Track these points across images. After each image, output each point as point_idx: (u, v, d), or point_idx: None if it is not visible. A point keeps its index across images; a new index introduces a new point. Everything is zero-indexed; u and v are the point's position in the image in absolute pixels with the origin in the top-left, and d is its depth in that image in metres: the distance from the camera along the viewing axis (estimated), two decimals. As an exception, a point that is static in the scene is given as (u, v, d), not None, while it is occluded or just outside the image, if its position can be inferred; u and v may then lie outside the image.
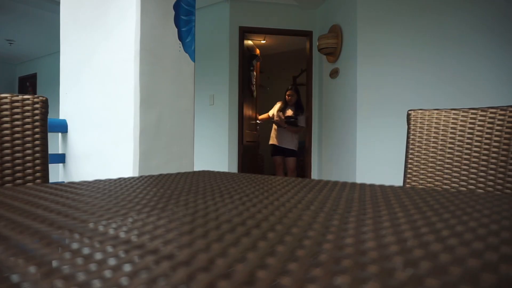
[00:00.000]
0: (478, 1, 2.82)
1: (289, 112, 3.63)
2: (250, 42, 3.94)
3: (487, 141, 0.92)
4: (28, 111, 0.84)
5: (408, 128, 1.06)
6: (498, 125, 0.91)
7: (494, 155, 0.90)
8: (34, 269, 0.18)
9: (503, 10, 2.72)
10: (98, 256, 0.19)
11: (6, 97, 0.82)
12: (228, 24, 3.62)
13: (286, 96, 3.72)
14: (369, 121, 3.03)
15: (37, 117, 0.85)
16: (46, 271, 0.17)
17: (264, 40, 4.68)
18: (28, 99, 0.84)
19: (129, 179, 0.52)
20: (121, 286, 0.16)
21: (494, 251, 0.21)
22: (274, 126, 3.70)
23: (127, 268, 0.18)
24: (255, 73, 4.14)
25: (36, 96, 0.86)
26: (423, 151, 1.03)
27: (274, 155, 3.72)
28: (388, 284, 0.16)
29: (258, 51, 4.14)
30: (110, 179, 0.52)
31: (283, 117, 3.58)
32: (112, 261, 0.19)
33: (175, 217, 0.28)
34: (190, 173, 0.63)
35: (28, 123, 0.84)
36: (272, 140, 3.71)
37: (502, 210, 0.33)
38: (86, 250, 0.20)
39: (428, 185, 1.00)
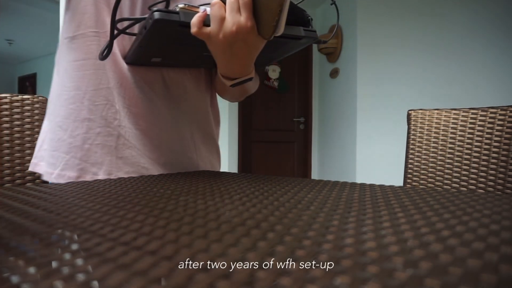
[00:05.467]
0: (478, 1, 2.81)
1: None
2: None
3: (488, 141, 0.92)
4: (27, 111, 0.84)
5: (408, 128, 1.06)
6: (498, 125, 0.91)
7: (494, 155, 0.90)
8: (34, 270, 0.17)
9: (504, 10, 2.72)
10: (97, 257, 0.19)
11: (5, 97, 0.82)
12: (228, 24, 3.62)
13: None
14: (369, 121, 3.03)
15: (36, 117, 0.85)
16: (46, 272, 0.17)
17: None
18: (27, 99, 0.84)
19: (129, 179, 0.52)
20: (121, 287, 0.16)
21: (495, 251, 0.21)
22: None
23: (126, 269, 0.18)
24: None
25: (35, 96, 0.86)
26: (424, 151, 1.03)
27: None
28: (388, 284, 0.16)
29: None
30: (110, 179, 0.52)
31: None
32: (111, 262, 0.19)
33: (174, 218, 0.28)
34: (190, 173, 0.63)
35: (27, 123, 0.84)
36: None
37: (503, 210, 0.33)
38: (85, 251, 0.20)
39: (429, 185, 1.00)
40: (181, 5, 0.47)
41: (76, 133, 0.58)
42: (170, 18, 0.45)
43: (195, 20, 0.46)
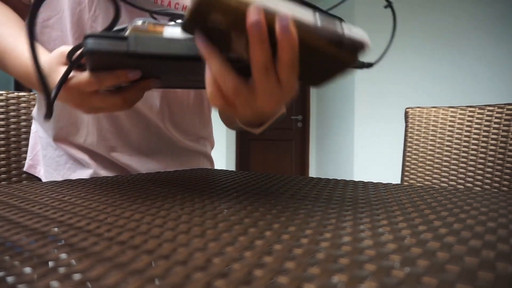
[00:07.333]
0: (475, -1, 2.81)
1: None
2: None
3: (485, 139, 0.92)
4: (23, 108, 0.83)
5: (406, 125, 1.07)
6: (495, 123, 0.91)
7: (491, 153, 0.91)
8: (30, 270, 0.17)
9: (502, 9, 2.72)
10: (94, 256, 0.19)
11: (1, 94, 0.81)
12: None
13: None
14: (367, 118, 3.03)
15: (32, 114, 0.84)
16: (42, 271, 0.17)
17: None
18: (23, 96, 0.84)
19: (126, 177, 0.52)
20: (118, 286, 0.15)
21: (491, 249, 0.21)
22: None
23: (123, 268, 0.18)
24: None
25: (31, 93, 0.85)
26: (421, 149, 1.03)
27: None
28: (386, 282, 0.16)
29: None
30: (107, 177, 0.52)
31: None
32: (107, 262, 0.18)
33: (171, 217, 0.28)
34: (187, 171, 0.63)
35: (23, 120, 0.83)
36: None
37: (499, 207, 0.33)
38: (81, 250, 0.20)
39: (426, 183, 1.01)
40: (139, 22, 0.31)
41: (60, 153, 0.65)
42: (111, 49, 0.30)
43: None
